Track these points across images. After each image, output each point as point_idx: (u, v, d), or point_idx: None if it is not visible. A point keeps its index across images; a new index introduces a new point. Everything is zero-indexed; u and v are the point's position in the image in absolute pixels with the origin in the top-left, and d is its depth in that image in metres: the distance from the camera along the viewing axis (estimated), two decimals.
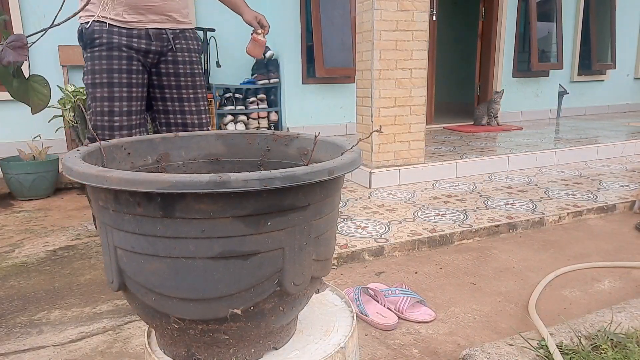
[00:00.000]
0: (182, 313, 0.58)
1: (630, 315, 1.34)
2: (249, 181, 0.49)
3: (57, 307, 1.63)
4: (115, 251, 0.58)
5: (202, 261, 0.54)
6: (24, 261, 2.03)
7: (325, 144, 0.74)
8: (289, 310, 0.63)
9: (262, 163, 0.84)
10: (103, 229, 0.59)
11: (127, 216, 0.54)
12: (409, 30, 2.97)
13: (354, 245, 1.99)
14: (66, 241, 2.27)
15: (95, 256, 2.08)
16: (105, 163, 0.69)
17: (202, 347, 0.62)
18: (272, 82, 4.76)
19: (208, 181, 0.48)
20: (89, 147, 0.68)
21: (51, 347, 1.38)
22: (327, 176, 0.55)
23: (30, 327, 1.49)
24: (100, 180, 0.51)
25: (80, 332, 1.46)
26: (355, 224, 2.28)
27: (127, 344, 1.39)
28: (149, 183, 0.49)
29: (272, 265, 0.57)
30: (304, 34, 4.82)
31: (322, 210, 0.60)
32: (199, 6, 4.62)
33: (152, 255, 0.55)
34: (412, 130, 3.14)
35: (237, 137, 0.85)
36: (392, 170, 3.07)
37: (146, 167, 0.78)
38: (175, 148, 0.82)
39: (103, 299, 1.68)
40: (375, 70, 2.93)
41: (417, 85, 3.08)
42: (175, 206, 0.51)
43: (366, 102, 3.07)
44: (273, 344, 0.66)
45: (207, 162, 0.84)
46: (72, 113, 3.15)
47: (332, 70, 4.84)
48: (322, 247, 0.63)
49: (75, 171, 0.55)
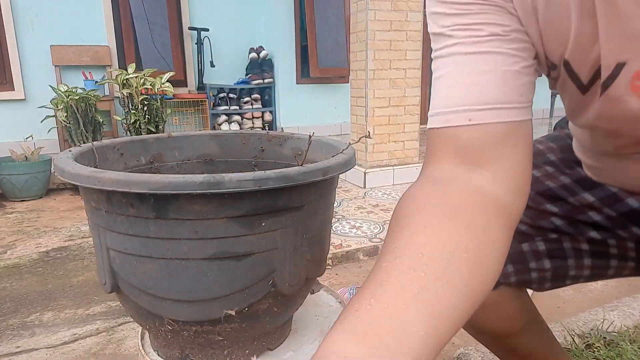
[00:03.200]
0: (175, 314, 0.57)
1: (623, 314, 1.35)
2: (243, 181, 0.49)
3: (50, 308, 1.62)
4: (108, 252, 0.58)
5: (195, 262, 0.53)
6: (16, 262, 2.01)
7: (320, 144, 0.74)
8: (284, 311, 0.63)
9: (256, 163, 0.84)
10: (95, 230, 0.59)
11: (120, 217, 0.54)
12: (402, 30, 2.98)
13: (349, 245, 1.99)
14: (59, 242, 2.26)
15: (88, 257, 2.07)
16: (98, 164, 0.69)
17: (196, 349, 0.62)
18: (266, 82, 4.75)
19: (202, 182, 0.48)
20: (81, 147, 0.67)
21: (44, 349, 1.37)
22: (321, 176, 0.55)
23: (22, 329, 1.48)
24: (92, 181, 0.51)
25: (74, 333, 1.45)
26: (350, 224, 2.28)
27: (121, 345, 1.39)
28: (142, 184, 0.48)
29: (267, 266, 0.56)
30: (298, 33, 4.82)
31: (317, 211, 0.60)
32: (192, 6, 4.61)
33: (145, 257, 0.54)
34: (406, 130, 3.15)
35: (231, 137, 0.84)
36: (386, 170, 3.08)
37: (139, 168, 0.77)
38: (168, 148, 0.81)
39: (96, 300, 1.67)
40: (370, 70, 2.94)
41: (411, 85, 3.09)
42: (168, 207, 0.51)
43: (360, 102, 3.07)
44: (268, 344, 0.66)
45: (201, 162, 0.84)
46: (65, 113, 3.12)
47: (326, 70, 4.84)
48: (316, 247, 0.63)
49: (67, 172, 0.54)
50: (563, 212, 0.74)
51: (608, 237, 0.72)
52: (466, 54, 0.51)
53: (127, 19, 4.35)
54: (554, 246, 0.76)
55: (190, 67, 4.70)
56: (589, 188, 0.72)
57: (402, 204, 0.50)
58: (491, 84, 0.50)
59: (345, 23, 4.75)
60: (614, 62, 0.51)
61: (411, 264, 0.41)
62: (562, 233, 0.75)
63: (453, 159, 0.52)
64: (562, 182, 0.74)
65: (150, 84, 3.15)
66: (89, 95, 3.25)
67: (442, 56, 0.53)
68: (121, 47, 4.35)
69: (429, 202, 0.48)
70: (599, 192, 0.71)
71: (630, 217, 0.68)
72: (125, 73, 3.16)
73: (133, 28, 4.38)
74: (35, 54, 3.95)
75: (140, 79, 3.12)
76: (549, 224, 0.75)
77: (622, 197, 0.69)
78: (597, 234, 0.72)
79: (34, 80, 3.94)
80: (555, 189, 0.74)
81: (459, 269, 0.42)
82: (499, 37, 0.51)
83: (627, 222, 0.69)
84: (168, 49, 4.58)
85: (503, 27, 0.51)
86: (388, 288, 0.40)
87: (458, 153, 0.51)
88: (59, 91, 3.20)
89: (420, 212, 0.47)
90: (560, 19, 0.51)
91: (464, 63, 0.51)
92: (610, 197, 0.70)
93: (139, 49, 4.43)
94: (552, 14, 0.52)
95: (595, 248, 0.74)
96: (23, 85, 3.94)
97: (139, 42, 4.43)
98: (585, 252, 0.74)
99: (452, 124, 0.51)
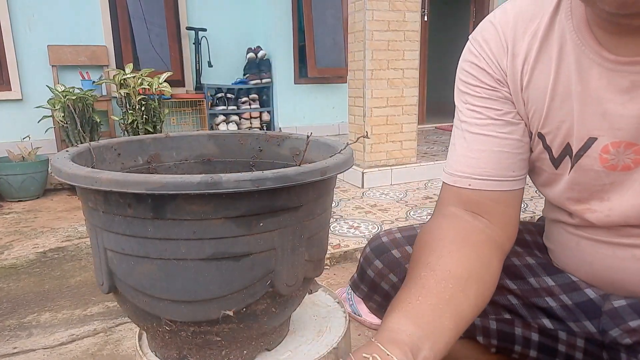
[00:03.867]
0: (173, 315, 0.57)
1: None
2: (241, 182, 0.49)
3: (47, 309, 1.61)
4: (105, 253, 0.58)
5: (193, 262, 0.53)
6: (13, 263, 2.01)
7: (318, 144, 0.74)
8: (282, 311, 0.63)
9: (254, 163, 0.84)
10: (93, 230, 0.59)
11: (117, 217, 0.53)
12: (400, 30, 2.98)
13: (347, 245, 1.99)
14: (56, 243, 2.25)
15: (85, 258, 2.06)
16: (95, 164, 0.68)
17: (193, 349, 0.62)
18: (264, 82, 4.75)
19: (199, 182, 0.48)
20: (78, 147, 0.67)
21: (41, 350, 1.37)
22: (319, 176, 0.55)
23: (19, 330, 1.48)
24: (89, 181, 0.51)
25: (71, 334, 1.45)
26: (348, 224, 2.28)
27: (119, 346, 1.38)
28: (140, 184, 0.48)
29: (264, 266, 0.56)
30: (296, 33, 4.82)
31: (315, 211, 0.60)
32: (190, 6, 4.60)
33: (143, 257, 0.54)
34: (404, 130, 3.15)
35: (229, 138, 0.84)
36: (384, 170, 3.08)
37: (137, 168, 0.77)
38: (166, 149, 0.81)
39: (94, 300, 1.66)
40: (368, 70, 2.94)
41: (409, 85, 3.09)
42: (166, 207, 0.51)
43: (358, 102, 3.07)
44: (266, 345, 0.66)
45: (198, 162, 0.84)
46: (62, 113, 3.12)
47: (324, 70, 4.84)
48: (314, 247, 0.63)
49: (64, 172, 0.54)
50: (521, 291, 0.75)
51: (560, 329, 0.72)
52: (471, 132, 0.67)
53: (125, 19, 4.34)
54: (505, 328, 0.77)
55: (188, 67, 4.69)
56: (551, 273, 0.74)
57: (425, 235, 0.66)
58: (487, 160, 0.66)
59: (343, 23, 4.75)
60: (586, 136, 0.61)
61: (443, 277, 0.57)
62: (516, 315, 0.76)
63: (460, 207, 0.68)
64: (527, 262, 0.77)
65: (148, 84, 3.15)
66: (86, 95, 3.24)
67: (457, 127, 0.70)
68: (118, 47, 4.34)
69: (445, 234, 0.64)
70: (560, 278, 0.73)
71: (585, 310, 0.69)
72: (122, 73, 3.16)
73: (130, 28, 4.37)
74: (32, 54, 3.93)
75: (138, 79, 3.12)
76: (504, 301, 0.76)
77: (581, 286, 0.71)
78: (549, 323, 0.73)
79: (31, 80, 3.93)
80: (519, 266, 0.76)
81: (472, 286, 0.58)
82: (494, 121, 0.66)
83: (582, 314, 0.70)
84: (166, 49, 4.57)
85: (497, 111, 0.66)
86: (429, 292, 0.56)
87: (464, 205, 0.68)
88: (56, 91, 3.19)
89: (442, 241, 0.62)
90: (537, 98, 0.64)
91: (469, 140, 0.67)
92: (570, 284, 0.72)
93: (137, 49, 4.43)
94: (530, 94, 0.65)
95: (544, 341, 0.74)
96: (20, 85, 3.92)
97: (136, 42, 4.42)
98: (534, 344, 0.75)
99: (458, 184, 0.68)
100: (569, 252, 0.72)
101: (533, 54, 0.63)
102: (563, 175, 0.66)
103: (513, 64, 0.64)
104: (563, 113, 0.62)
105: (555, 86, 0.61)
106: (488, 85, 0.66)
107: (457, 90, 0.70)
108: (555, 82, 0.61)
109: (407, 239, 0.82)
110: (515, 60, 0.64)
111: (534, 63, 0.63)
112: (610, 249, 0.65)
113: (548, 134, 0.65)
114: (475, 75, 0.67)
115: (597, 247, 0.67)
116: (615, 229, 0.64)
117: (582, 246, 0.69)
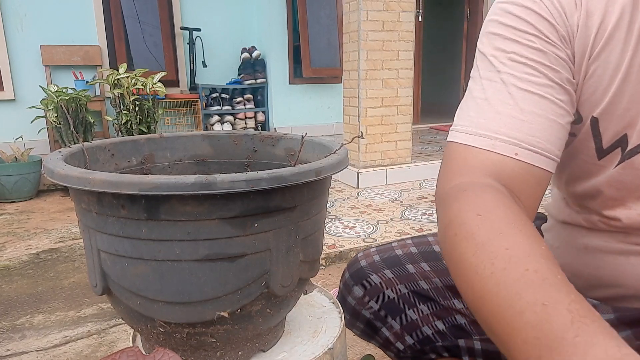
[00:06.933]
0: (167, 316, 0.57)
1: None
2: (235, 182, 0.49)
3: (40, 311, 1.60)
4: (98, 254, 0.57)
5: (187, 264, 0.53)
6: (6, 265, 1.99)
7: (313, 144, 0.74)
8: (277, 312, 0.62)
9: (248, 164, 0.83)
10: (86, 232, 0.58)
11: (111, 219, 0.53)
12: (395, 30, 2.99)
13: (342, 246, 1.99)
14: (49, 244, 2.23)
15: (79, 259, 2.05)
16: (88, 165, 0.68)
17: (188, 351, 0.61)
18: (258, 82, 4.74)
19: (193, 182, 0.48)
20: (71, 148, 0.67)
21: (34, 352, 1.36)
22: (314, 177, 0.55)
23: (12, 332, 1.46)
24: (82, 182, 0.50)
25: (65, 336, 1.44)
26: (343, 224, 2.28)
27: (113, 348, 1.38)
28: (133, 185, 0.48)
29: (259, 267, 0.56)
30: (290, 33, 4.81)
31: (310, 211, 0.60)
32: (184, 6, 4.58)
33: (137, 259, 0.54)
34: (399, 130, 3.16)
35: (224, 138, 0.84)
36: (379, 170, 3.08)
37: (130, 169, 0.77)
38: (160, 149, 0.81)
39: (87, 302, 1.65)
40: (362, 70, 2.94)
41: (404, 86, 3.10)
42: (160, 208, 0.50)
43: (353, 102, 3.07)
44: (261, 346, 0.65)
45: (193, 163, 0.83)
46: (55, 114, 3.10)
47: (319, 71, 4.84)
48: (309, 248, 0.63)
49: (56, 173, 0.53)
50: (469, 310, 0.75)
51: None
52: (521, 89, 0.51)
53: (118, 19, 4.31)
54: (490, 347, 0.76)
55: (182, 67, 4.67)
56: None
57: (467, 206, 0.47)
58: (541, 128, 0.51)
59: (337, 23, 4.75)
60: None
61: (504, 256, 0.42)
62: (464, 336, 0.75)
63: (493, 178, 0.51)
64: None
65: (142, 84, 3.13)
66: (80, 95, 3.22)
67: (492, 80, 0.53)
68: (112, 47, 4.32)
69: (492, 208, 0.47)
70: None
71: None
72: (116, 73, 3.14)
73: (124, 28, 4.35)
74: (24, 54, 3.90)
75: (132, 79, 3.10)
76: (452, 321, 0.75)
77: None
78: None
79: (23, 81, 3.90)
80: None
81: None
82: (552, 83, 0.51)
83: None
84: (160, 49, 4.55)
85: (556, 72, 0.52)
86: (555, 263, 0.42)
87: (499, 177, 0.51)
88: (49, 91, 3.17)
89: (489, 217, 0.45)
90: (604, 74, 0.51)
91: (518, 98, 0.51)
92: None
93: (130, 49, 4.40)
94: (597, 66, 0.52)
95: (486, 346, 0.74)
96: (13, 85, 3.89)
97: (130, 42, 4.40)
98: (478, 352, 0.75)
99: (499, 151, 0.50)
100: (575, 255, 0.68)
101: (614, 17, 0.50)
102: (605, 169, 0.56)
103: (586, 23, 0.51)
104: (633, 99, 0.51)
105: (631, 63, 0.50)
106: (548, 39, 0.51)
107: (489, 36, 0.55)
108: (633, 59, 0.50)
109: (385, 261, 0.78)
110: (589, 20, 0.51)
111: (613, 30, 0.50)
112: (623, 255, 0.60)
113: (604, 119, 0.53)
114: (531, 22, 0.52)
115: (607, 252, 0.63)
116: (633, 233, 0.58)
117: (590, 250, 0.64)
